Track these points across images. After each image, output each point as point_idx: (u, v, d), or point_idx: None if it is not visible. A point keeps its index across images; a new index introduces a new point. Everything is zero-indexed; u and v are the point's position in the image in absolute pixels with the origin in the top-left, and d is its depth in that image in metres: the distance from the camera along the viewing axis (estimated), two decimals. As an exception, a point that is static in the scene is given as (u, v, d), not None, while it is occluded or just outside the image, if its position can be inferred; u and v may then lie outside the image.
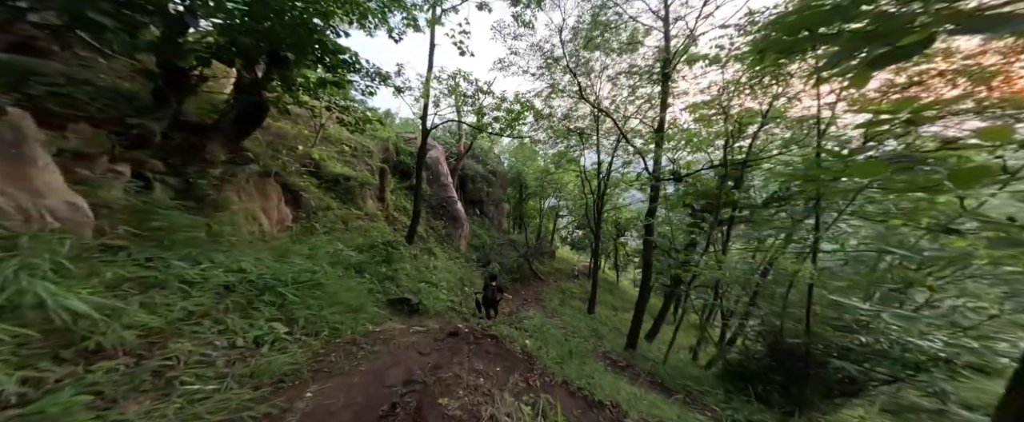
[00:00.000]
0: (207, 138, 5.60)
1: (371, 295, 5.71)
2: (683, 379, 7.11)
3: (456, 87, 9.09)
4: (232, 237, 4.85)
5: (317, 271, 4.68)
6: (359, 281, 5.77)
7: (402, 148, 13.17)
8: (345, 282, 5.28)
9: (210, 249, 3.76)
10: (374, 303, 5.67)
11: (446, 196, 13.36)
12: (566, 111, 12.58)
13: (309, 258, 5.30)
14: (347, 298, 4.76)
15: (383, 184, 10.75)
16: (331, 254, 6.00)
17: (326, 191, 9.10)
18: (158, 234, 3.49)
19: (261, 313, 3.35)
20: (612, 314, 15.57)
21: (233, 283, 3.40)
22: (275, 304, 3.60)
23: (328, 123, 10.90)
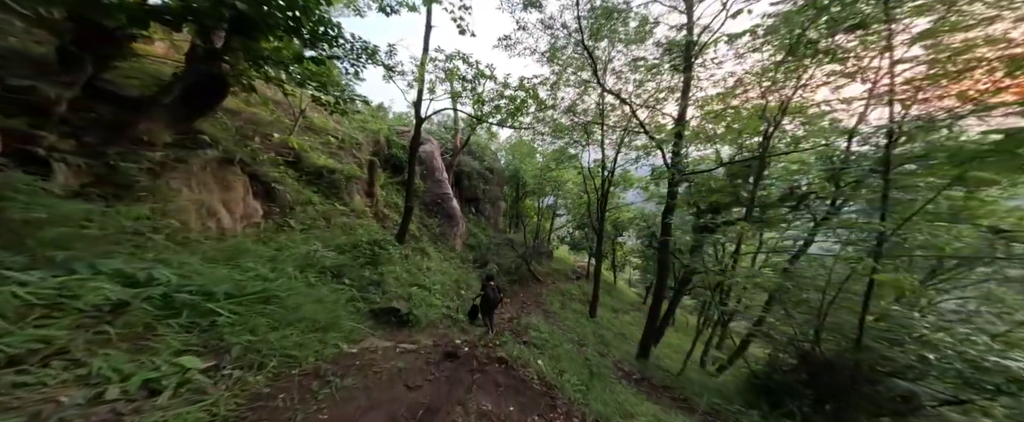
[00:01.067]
0: (142, 114, 4.41)
1: (349, 306, 4.58)
2: (704, 392, 6.14)
3: (453, 72, 7.98)
4: (165, 234, 3.68)
5: (275, 278, 3.54)
6: (335, 289, 4.64)
7: (394, 141, 12.01)
8: (315, 291, 4.15)
9: (105, 251, 2.61)
10: (353, 315, 4.55)
11: (441, 193, 12.23)
12: (570, 103, 11.56)
13: (271, 261, 4.16)
14: (314, 312, 3.64)
15: (372, 178, 9.59)
16: (302, 256, 4.86)
17: (306, 184, 7.91)
18: (22, 228, 2.33)
19: (166, 342, 2.22)
20: (613, 317, 14.61)
21: (128, 300, 2.26)
22: (195, 327, 2.47)
23: (310, 110, 9.70)
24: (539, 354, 4.17)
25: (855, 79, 5.53)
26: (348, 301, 4.67)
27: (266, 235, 5.40)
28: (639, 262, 22.12)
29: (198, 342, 2.43)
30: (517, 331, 6.39)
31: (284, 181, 6.94)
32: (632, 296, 22.75)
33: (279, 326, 3.09)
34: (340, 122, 10.82)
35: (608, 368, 5.48)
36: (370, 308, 5.10)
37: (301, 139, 8.52)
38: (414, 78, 8.01)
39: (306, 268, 4.67)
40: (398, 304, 5.50)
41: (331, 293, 4.44)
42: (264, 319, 2.99)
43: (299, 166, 8.03)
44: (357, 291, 5.06)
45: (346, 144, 9.99)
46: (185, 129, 5.27)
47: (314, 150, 8.91)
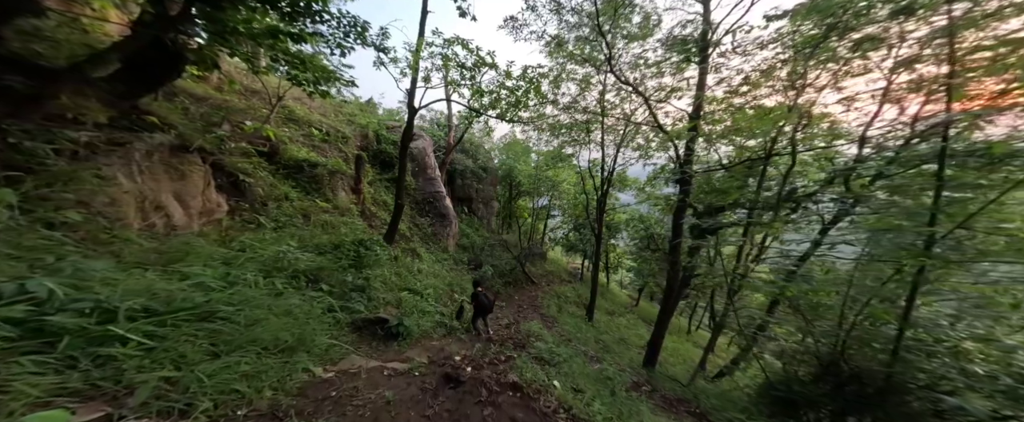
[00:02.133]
0: (62, 86, 3.49)
1: (326, 317, 3.74)
2: (722, 403, 5.54)
3: (450, 59, 7.21)
4: (86, 230, 2.79)
5: (224, 287, 2.70)
6: (310, 297, 3.79)
7: (384, 136, 11.12)
8: (283, 301, 3.31)
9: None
10: (330, 329, 3.72)
11: (433, 191, 11.39)
12: (571, 100, 10.96)
13: (226, 265, 3.30)
14: (279, 328, 2.82)
15: (359, 174, 8.70)
16: (270, 258, 3.99)
17: (284, 178, 6.98)
18: None
19: (20, 389, 1.40)
20: (609, 320, 14.03)
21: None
22: (80, 362, 1.64)
23: (290, 99, 8.75)
24: (554, 372, 3.44)
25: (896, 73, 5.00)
26: (325, 312, 3.83)
27: (229, 234, 4.50)
28: (632, 264, 21.76)
29: (81, 384, 1.60)
30: (519, 341, 5.65)
31: (256, 174, 6.02)
32: (624, 298, 22.33)
33: (223, 351, 2.27)
34: (325, 114, 9.89)
35: (626, 382, 4.80)
36: (353, 319, 4.27)
37: (279, 130, 7.59)
38: (408, 65, 7.21)
39: (274, 272, 3.81)
40: (386, 313, 4.68)
41: (304, 303, 3.60)
42: (200, 343, 2.17)
43: (276, 158, 7.09)
44: (337, 299, 4.22)
45: (331, 138, 9.07)
46: (127, 108, 4.34)
47: (294, 142, 7.98)
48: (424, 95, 7.93)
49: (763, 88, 6.53)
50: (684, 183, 6.74)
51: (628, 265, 22.72)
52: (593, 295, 12.32)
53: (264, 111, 7.46)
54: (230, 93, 7.47)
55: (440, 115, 17.26)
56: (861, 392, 4.93)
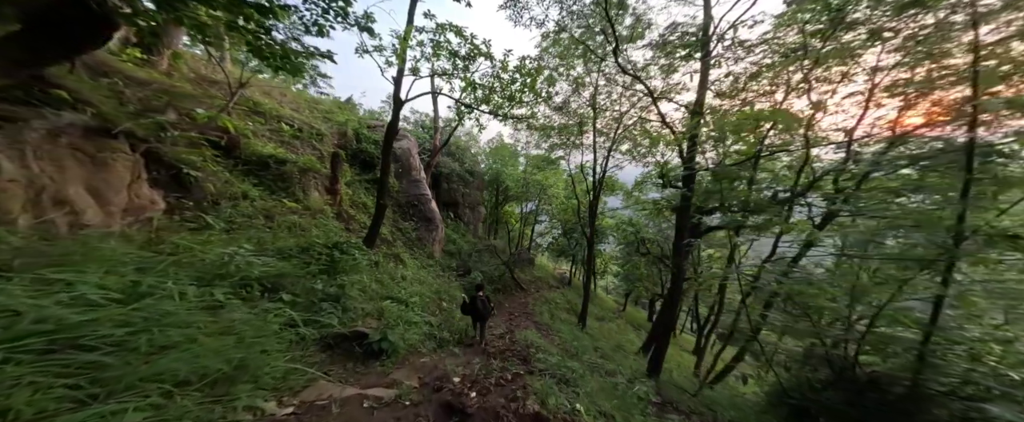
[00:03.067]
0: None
1: (285, 335, 2.88)
2: (739, 415, 5.04)
3: (440, 47, 6.58)
4: None
5: (118, 301, 1.85)
6: (262, 310, 2.92)
7: (365, 135, 10.21)
8: (224, 315, 2.44)
9: None
10: (290, 349, 2.86)
11: (418, 194, 10.55)
12: (564, 99, 10.60)
13: (140, 272, 2.41)
14: (204, 354, 1.98)
15: (335, 173, 7.77)
16: (212, 264, 3.09)
17: (244, 175, 5.99)
18: None
19: None
20: (600, 325, 13.50)
21: None
22: None
23: (255, 91, 7.78)
24: (572, 393, 2.77)
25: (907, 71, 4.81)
26: (284, 327, 2.97)
27: (160, 235, 3.54)
28: (618, 269, 21.53)
29: None
30: (520, 353, 4.91)
31: (206, 168, 5.04)
32: (611, 303, 21.98)
33: (103, 394, 1.44)
34: (298, 109, 8.92)
35: (647, 398, 4.17)
36: (323, 335, 3.40)
37: (241, 122, 6.59)
38: (394, 52, 6.49)
39: (215, 281, 2.92)
40: (365, 326, 3.83)
41: (254, 317, 2.74)
42: (57, 385, 1.33)
43: (236, 153, 6.10)
44: (302, 311, 3.36)
45: (304, 134, 8.11)
46: (25, 79, 3.37)
47: (259, 137, 6.98)
48: (412, 87, 7.22)
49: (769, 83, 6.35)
50: (689, 181, 6.35)
51: (614, 271, 22.49)
52: (585, 301, 11.76)
53: (220, 98, 6.47)
54: (182, 81, 6.43)
55: (425, 117, 16.50)
56: (882, 399, 4.55)
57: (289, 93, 9.56)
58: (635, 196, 14.21)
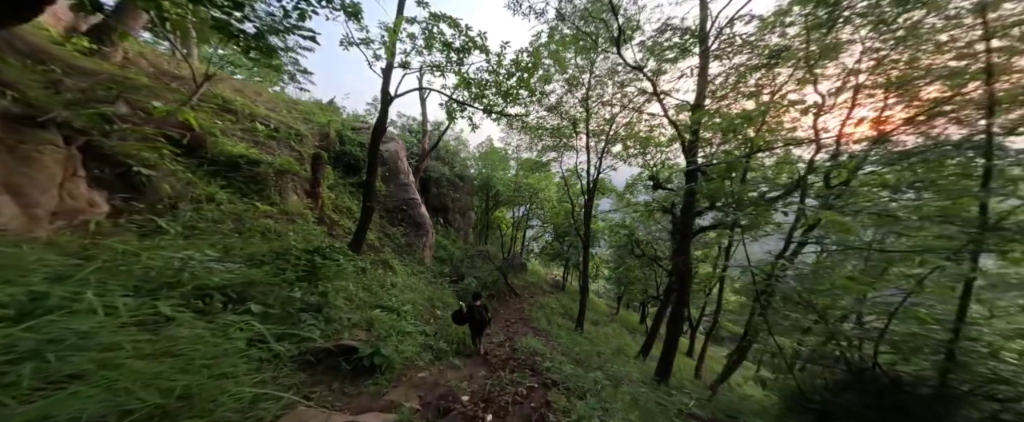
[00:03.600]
0: None
1: (253, 353, 2.32)
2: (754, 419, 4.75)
3: (432, 38, 6.19)
4: None
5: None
6: (223, 325, 2.35)
7: (349, 137, 9.60)
8: (164, 334, 1.89)
9: None
10: (261, 369, 2.30)
11: (407, 198, 9.97)
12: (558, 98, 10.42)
13: (55, 281, 1.83)
14: (128, 385, 1.43)
15: (316, 175, 7.14)
16: (159, 271, 2.50)
17: (211, 176, 5.32)
18: None
19: None
20: (597, 330, 13.13)
21: None
22: None
23: (224, 87, 7.13)
24: (602, 412, 2.34)
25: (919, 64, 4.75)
26: (253, 343, 2.41)
27: (95, 240, 2.90)
28: (609, 272, 21.35)
29: None
30: (527, 362, 4.44)
31: (161, 166, 4.38)
32: (604, 307, 21.71)
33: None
34: (275, 109, 8.26)
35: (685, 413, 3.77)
36: (302, 350, 2.83)
37: (209, 121, 5.92)
38: (382, 44, 6.04)
39: (162, 291, 2.34)
40: (352, 339, 3.28)
41: (212, 333, 2.18)
42: None
43: (202, 152, 5.43)
44: (277, 323, 2.79)
45: (281, 134, 7.46)
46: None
47: (230, 136, 6.31)
48: (401, 82, 6.77)
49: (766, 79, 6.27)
50: (692, 177, 6.13)
51: (606, 274, 22.30)
52: (582, 305, 11.39)
53: (182, 92, 5.80)
54: (140, 75, 5.73)
55: (413, 121, 15.96)
56: (904, 401, 4.33)
57: (265, 93, 8.89)
58: (627, 199, 14.15)
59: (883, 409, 4.34)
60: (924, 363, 4.12)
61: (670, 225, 12.57)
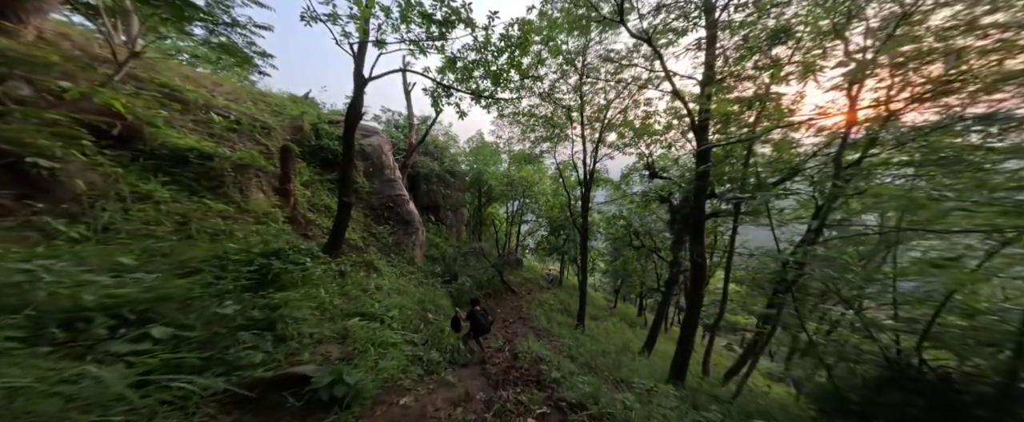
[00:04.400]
0: None
1: (146, 395, 1.54)
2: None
3: (408, 7, 5.36)
4: None
5: None
6: (95, 362, 1.56)
7: (326, 130, 8.70)
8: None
9: None
10: (155, 417, 1.53)
11: (393, 194, 9.13)
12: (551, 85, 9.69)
13: None
14: None
15: (286, 170, 6.26)
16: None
17: (151, 172, 4.43)
18: None
19: None
20: (597, 326, 12.55)
21: None
22: None
23: (174, 76, 6.19)
24: None
25: None
26: (147, 383, 1.64)
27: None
28: (604, 266, 20.84)
29: None
30: (531, 373, 3.74)
31: (72, 158, 3.50)
32: (601, 301, 21.21)
33: None
34: (237, 100, 7.31)
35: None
36: (233, 385, 2.04)
37: (148, 108, 5.00)
38: (350, 18, 5.20)
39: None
40: (311, 362, 2.51)
41: (52, 373, 1.41)
42: None
43: (137, 144, 4.53)
44: (192, 351, 2.00)
45: (243, 126, 6.54)
46: None
47: (178, 128, 5.39)
48: (376, 62, 5.94)
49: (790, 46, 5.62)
50: (704, 157, 5.47)
51: (602, 268, 21.78)
52: (582, 301, 10.76)
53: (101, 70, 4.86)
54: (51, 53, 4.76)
55: (399, 116, 15.01)
56: (955, 402, 3.77)
57: (228, 84, 7.92)
58: (622, 190, 13.58)
59: (931, 409, 3.77)
60: (981, 359, 3.58)
61: (668, 215, 12.06)
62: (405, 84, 12.06)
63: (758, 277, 8.16)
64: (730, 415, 3.95)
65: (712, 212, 9.64)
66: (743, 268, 10.39)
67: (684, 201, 10.91)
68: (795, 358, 6.08)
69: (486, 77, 6.67)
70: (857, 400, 4.21)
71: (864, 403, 4.16)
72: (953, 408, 3.67)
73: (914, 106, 4.98)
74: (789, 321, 5.30)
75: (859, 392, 4.30)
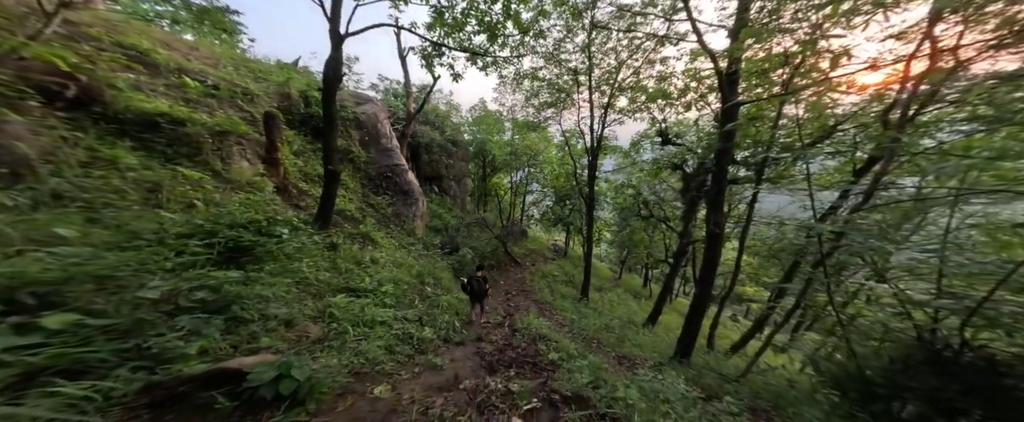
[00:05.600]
0: None
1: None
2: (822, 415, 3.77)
3: None
4: None
5: None
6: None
7: (317, 98, 8.01)
8: None
9: None
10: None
11: (391, 164, 8.58)
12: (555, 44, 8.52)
13: None
14: None
15: (272, 138, 5.74)
16: None
17: (114, 137, 3.98)
18: None
19: None
20: (601, 297, 12.31)
21: None
22: None
23: (141, 37, 5.51)
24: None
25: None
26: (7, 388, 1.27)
27: None
28: (611, 236, 20.29)
29: None
30: (528, 354, 3.38)
31: (8, 120, 3.02)
32: (606, 271, 20.97)
33: None
34: (217, 65, 6.63)
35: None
36: (154, 383, 1.67)
37: (108, 70, 4.43)
38: None
39: None
40: (251, 357, 2.13)
41: None
42: None
43: (96, 107, 4.03)
44: (112, 340, 1.62)
45: (223, 92, 5.92)
46: None
47: (151, 92, 4.83)
48: (353, 15, 5.11)
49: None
50: (730, 115, 4.58)
51: (608, 238, 21.27)
52: (586, 273, 10.43)
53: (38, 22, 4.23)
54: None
55: (396, 84, 13.99)
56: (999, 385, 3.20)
57: (206, 48, 7.18)
58: (632, 158, 12.59)
59: (967, 392, 3.25)
60: None
61: (680, 183, 11.17)
62: (400, 50, 10.96)
63: (775, 248, 7.47)
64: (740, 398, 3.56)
65: (731, 179, 8.77)
66: (758, 239, 9.68)
67: (699, 168, 10.00)
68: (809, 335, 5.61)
69: (480, 29, 5.70)
70: (883, 382, 3.71)
71: (891, 386, 3.67)
72: (993, 390, 3.16)
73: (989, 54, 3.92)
74: (813, 298, 4.72)
75: (885, 374, 3.79)
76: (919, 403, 3.51)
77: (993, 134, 3.77)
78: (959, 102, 4.38)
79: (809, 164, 5.41)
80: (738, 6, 4.98)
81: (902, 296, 3.81)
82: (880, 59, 5.18)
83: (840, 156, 6.36)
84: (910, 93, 4.31)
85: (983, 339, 3.41)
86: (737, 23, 4.91)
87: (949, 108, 4.64)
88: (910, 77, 4.69)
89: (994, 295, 3.14)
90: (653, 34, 8.16)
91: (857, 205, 4.32)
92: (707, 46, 4.90)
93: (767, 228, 8.75)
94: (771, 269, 9.53)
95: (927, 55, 4.53)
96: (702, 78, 8.15)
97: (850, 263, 4.46)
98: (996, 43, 3.79)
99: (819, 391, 4.18)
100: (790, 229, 4.69)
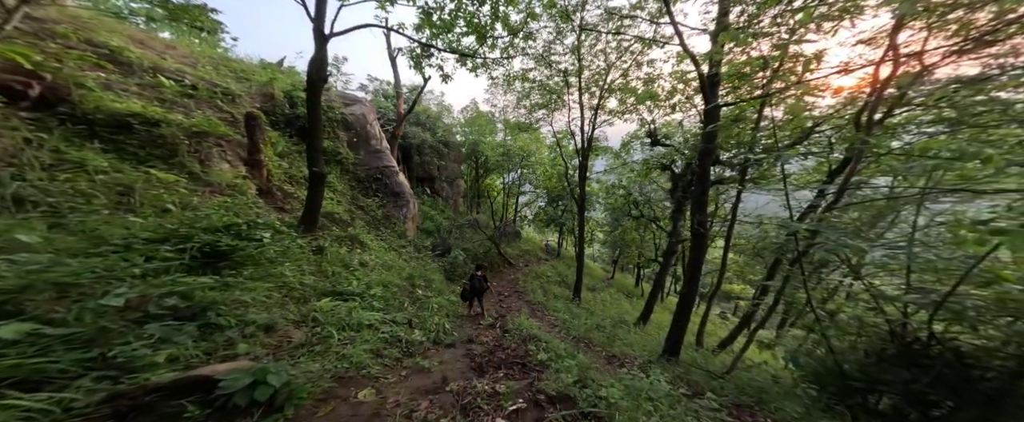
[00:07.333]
0: None
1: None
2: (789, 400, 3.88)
3: None
4: None
5: None
6: None
7: (303, 99, 7.84)
8: None
9: None
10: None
11: (381, 166, 8.46)
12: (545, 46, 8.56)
13: None
14: None
15: (254, 139, 5.58)
16: None
17: (84, 138, 3.81)
18: None
19: None
20: (594, 297, 12.39)
21: None
22: None
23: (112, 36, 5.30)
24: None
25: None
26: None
27: None
28: (603, 236, 20.48)
29: None
30: (518, 354, 3.36)
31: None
32: (599, 271, 21.13)
33: None
34: (195, 65, 6.42)
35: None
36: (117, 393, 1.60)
37: (77, 70, 4.24)
38: None
39: None
40: (225, 364, 2.05)
41: None
42: None
43: (62, 108, 3.86)
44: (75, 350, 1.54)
45: (200, 93, 5.74)
46: None
47: (122, 92, 4.65)
48: (338, 15, 5.03)
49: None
50: (712, 116, 4.68)
51: (600, 238, 21.45)
52: (579, 273, 10.46)
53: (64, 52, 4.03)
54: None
55: (386, 85, 13.83)
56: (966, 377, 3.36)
57: (183, 46, 6.96)
58: (622, 158, 12.75)
59: (936, 384, 3.39)
60: (996, 331, 3.14)
61: (669, 183, 11.38)
62: (390, 51, 10.86)
63: (758, 247, 7.67)
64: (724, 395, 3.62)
65: (716, 179, 8.96)
66: (743, 237, 9.91)
67: (686, 168, 10.21)
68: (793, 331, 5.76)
69: (469, 31, 5.70)
70: (859, 376, 3.84)
71: (867, 379, 3.80)
72: (961, 381, 3.30)
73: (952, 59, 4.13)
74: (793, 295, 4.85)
75: (861, 368, 3.92)
76: (893, 396, 3.64)
77: (955, 135, 3.98)
78: (925, 105, 4.61)
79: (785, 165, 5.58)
80: (719, 10, 5.11)
81: (874, 291, 3.95)
82: (851, 63, 5.40)
83: (815, 157, 6.60)
84: (879, 96, 4.50)
85: (951, 332, 3.58)
86: (717, 27, 5.04)
87: (917, 110, 4.87)
88: (879, 81, 4.89)
89: (958, 290, 3.29)
90: (640, 37, 8.31)
91: (830, 204, 4.47)
92: (689, 49, 5.00)
93: (751, 227, 8.99)
94: (756, 267, 9.79)
95: (891, 60, 4.74)
96: (689, 81, 8.33)
97: (830, 260, 4.63)
98: (958, 48, 4.00)
99: (799, 386, 4.30)
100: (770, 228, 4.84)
